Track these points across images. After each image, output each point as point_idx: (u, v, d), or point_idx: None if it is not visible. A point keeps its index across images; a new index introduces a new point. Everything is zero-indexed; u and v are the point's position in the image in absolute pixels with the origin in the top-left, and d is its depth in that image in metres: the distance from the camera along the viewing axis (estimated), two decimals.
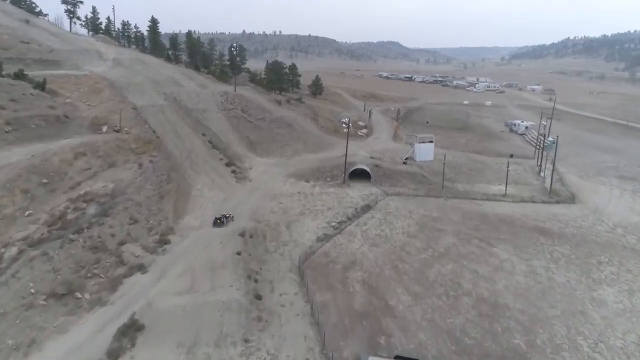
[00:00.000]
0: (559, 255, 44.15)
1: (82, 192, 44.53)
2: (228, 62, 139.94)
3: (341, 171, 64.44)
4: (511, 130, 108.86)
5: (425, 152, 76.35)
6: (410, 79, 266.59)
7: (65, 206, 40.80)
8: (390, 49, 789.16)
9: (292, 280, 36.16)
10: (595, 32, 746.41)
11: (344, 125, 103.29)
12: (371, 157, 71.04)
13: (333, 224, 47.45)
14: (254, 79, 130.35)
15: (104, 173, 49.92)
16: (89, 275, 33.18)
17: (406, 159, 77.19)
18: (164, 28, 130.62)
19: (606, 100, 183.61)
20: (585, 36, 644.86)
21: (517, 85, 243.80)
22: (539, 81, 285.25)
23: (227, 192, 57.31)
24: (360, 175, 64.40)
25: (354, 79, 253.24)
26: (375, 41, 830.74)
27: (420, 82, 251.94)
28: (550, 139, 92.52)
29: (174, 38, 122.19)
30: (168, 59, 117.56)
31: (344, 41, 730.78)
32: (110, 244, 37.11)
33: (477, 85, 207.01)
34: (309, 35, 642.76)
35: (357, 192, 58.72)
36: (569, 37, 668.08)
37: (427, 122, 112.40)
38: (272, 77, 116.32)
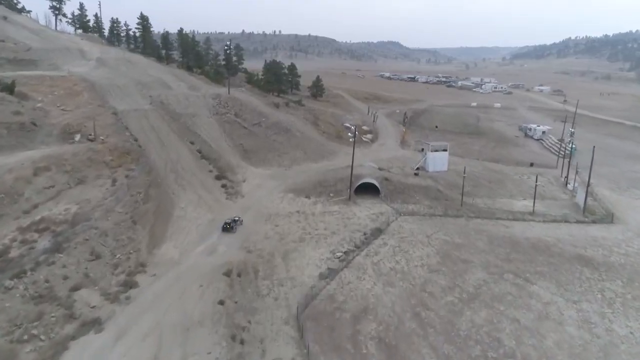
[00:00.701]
0: (612, 294, 36.54)
1: (37, 217, 36.86)
2: (224, 62, 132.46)
3: (346, 185, 56.83)
4: (526, 135, 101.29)
5: (438, 161, 68.76)
6: (413, 79, 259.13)
7: (11, 239, 33.14)
8: (390, 49, 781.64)
9: (289, 337, 28.50)
10: (596, 32, 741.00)
11: (347, 129, 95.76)
12: (379, 169, 63.33)
13: (338, 254, 39.80)
14: (251, 80, 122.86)
15: (69, 192, 42.27)
16: (26, 337, 25.55)
17: (417, 169, 69.62)
18: (161, 27, 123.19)
19: (619, 102, 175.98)
20: (586, 36, 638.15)
21: (524, 86, 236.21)
22: (545, 81, 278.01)
23: (215, 211, 49.67)
24: (367, 189, 56.82)
25: (356, 79, 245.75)
26: (375, 41, 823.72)
27: (423, 82, 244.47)
28: (573, 145, 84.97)
29: (165, 36, 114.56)
30: (159, 58, 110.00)
31: (344, 41, 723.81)
32: (60, 291, 29.47)
33: (483, 86, 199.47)
34: (309, 35, 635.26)
35: (365, 211, 51.09)
36: (570, 37, 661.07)
37: (436, 127, 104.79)
38: (269, 78, 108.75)
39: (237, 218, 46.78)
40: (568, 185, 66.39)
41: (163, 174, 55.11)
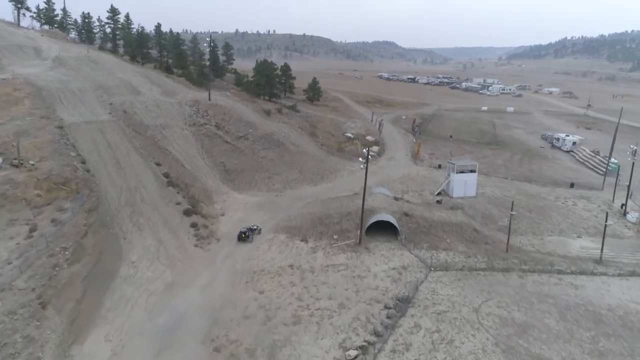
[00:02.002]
0: None
1: None
2: (209, 63, 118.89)
3: (354, 223, 43.56)
4: (553, 146, 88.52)
5: (465, 185, 55.76)
6: (413, 80, 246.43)
7: None
8: (386, 49, 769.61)
9: None
10: (592, 32, 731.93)
11: (349, 140, 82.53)
12: (395, 198, 50.04)
13: (352, 352, 26.49)
14: (240, 82, 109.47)
15: None
16: None
17: (438, 193, 56.58)
18: (152, 26, 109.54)
19: (635, 105, 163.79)
20: (582, 36, 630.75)
21: (530, 88, 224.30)
22: (546, 82, 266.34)
23: (177, 268, 36.30)
24: (380, 225, 43.50)
25: (354, 80, 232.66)
26: (370, 41, 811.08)
27: (425, 83, 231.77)
28: (614, 160, 72.28)
29: (140, 34, 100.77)
30: (133, 58, 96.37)
31: (340, 41, 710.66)
32: None
33: (490, 88, 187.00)
34: (304, 35, 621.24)
35: (383, 264, 37.84)
36: (566, 37, 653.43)
37: (451, 137, 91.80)
38: (260, 81, 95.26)
39: (254, 226, 43.98)
40: (627, 215, 53.50)
41: (115, 210, 41.71)
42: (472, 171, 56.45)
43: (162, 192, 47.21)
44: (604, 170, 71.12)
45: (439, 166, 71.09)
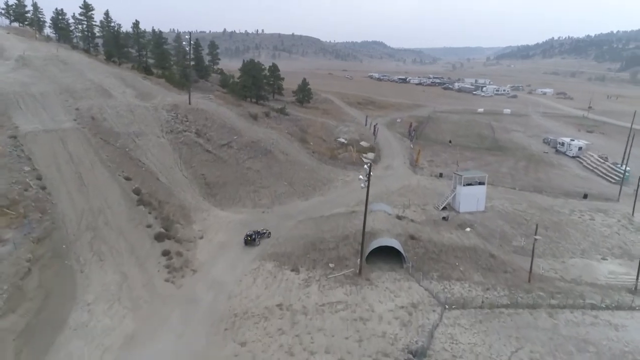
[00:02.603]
0: None
1: None
2: (192, 63, 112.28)
3: (353, 248, 37.70)
4: (557, 151, 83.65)
5: (474, 199, 50.27)
6: (404, 80, 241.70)
7: None
8: (375, 49, 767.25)
9: None
10: (578, 33, 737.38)
11: (343, 145, 76.76)
12: (398, 217, 44.22)
13: None
14: (226, 83, 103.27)
15: None
16: None
17: (444, 208, 51.01)
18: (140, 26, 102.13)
19: (632, 106, 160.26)
20: (569, 36, 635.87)
21: (523, 88, 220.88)
22: (535, 82, 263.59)
23: (141, 312, 30.07)
24: (383, 250, 37.62)
25: (344, 80, 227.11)
26: (359, 41, 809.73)
27: (416, 84, 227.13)
28: (627, 167, 67.54)
29: (117, 32, 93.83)
30: (109, 58, 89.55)
31: (329, 41, 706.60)
32: None
33: (484, 88, 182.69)
34: (293, 35, 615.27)
35: (388, 301, 31.99)
36: (553, 37, 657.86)
37: (450, 142, 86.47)
38: (246, 82, 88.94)
39: (263, 230, 42.67)
40: None
41: (73, 236, 35.37)
42: (480, 183, 50.97)
43: (131, 212, 40.83)
44: (617, 178, 66.31)
45: (440, 175, 65.65)
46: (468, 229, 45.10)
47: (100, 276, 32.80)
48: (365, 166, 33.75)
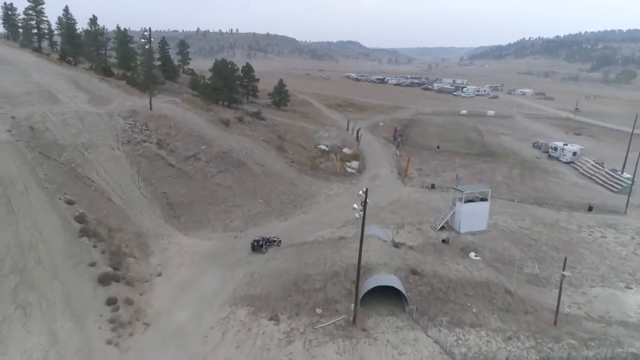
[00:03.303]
0: None
1: None
2: (159, 63, 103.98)
3: (344, 288, 31.13)
4: (550, 157, 79.20)
5: (475, 217, 44.41)
6: (382, 80, 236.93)
7: None
8: (351, 49, 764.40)
9: None
10: (548, 33, 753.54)
11: (325, 152, 70.24)
12: (395, 245, 37.78)
13: None
14: (196, 84, 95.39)
15: None
16: None
17: (442, 227, 45.05)
18: (111, 25, 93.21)
19: (615, 107, 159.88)
20: (539, 37, 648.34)
21: (502, 88, 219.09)
22: (508, 82, 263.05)
23: None
24: (380, 287, 31.13)
25: (321, 81, 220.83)
26: (335, 40, 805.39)
27: (395, 84, 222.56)
28: (626, 175, 63.25)
29: (70, 28, 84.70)
30: (63, 57, 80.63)
31: (304, 40, 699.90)
32: None
33: (464, 89, 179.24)
34: (268, 34, 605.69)
35: None
36: (524, 38, 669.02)
37: (438, 148, 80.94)
38: (217, 84, 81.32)
39: (273, 238, 40.37)
40: None
41: None
42: (483, 199, 45.13)
43: (71, 246, 33.18)
44: (619, 187, 61.92)
45: (432, 186, 59.85)
46: (473, 254, 39.21)
47: (22, 340, 25.29)
48: (361, 192, 27.31)
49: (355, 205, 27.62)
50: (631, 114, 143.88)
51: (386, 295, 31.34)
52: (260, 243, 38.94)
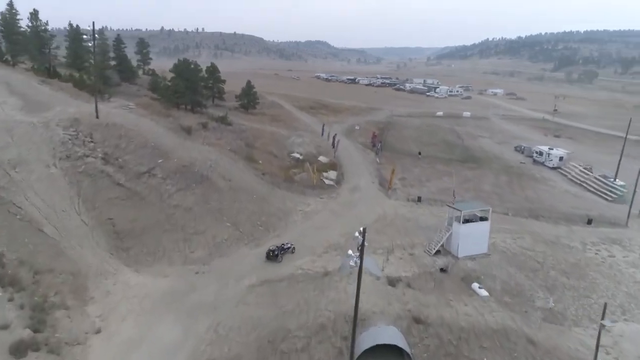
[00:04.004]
0: None
1: None
2: (114, 63, 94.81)
3: (332, 345, 24.89)
4: (535, 162, 75.50)
5: (474, 239, 39.08)
6: (354, 81, 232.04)
7: None
8: (319, 49, 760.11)
9: None
10: (511, 34, 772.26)
11: (299, 162, 63.82)
12: (391, 283, 31.75)
13: None
14: (156, 86, 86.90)
15: None
16: None
17: (437, 252, 39.48)
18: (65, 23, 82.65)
19: (581, 107, 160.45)
20: (502, 37, 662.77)
21: (472, 88, 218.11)
22: (474, 82, 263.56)
23: None
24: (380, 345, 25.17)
25: (291, 81, 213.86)
26: (303, 40, 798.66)
27: (366, 85, 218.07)
28: (620, 182, 59.77)
29: (9, 24, 74.72)
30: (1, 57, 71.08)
31: (272, 40, 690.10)
32: None
33: (437, 89, 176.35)
34: (235, 33, 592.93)
35: None
36: (488, 38, 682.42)
37: (420, 154, 75.82)
38: (178, 87, 73.43)
39: (288, 245, 38.67)
40: None
41: None
42: (482, 219, 39.84)
43: None
44: (614, 196, 58.31)
45: (419, 199, 54.41)
46: (477, 286, 33.82)
47: None
48: (357, 233, 21.10)
49: (350, 252, 21.35)
50: (601, 114, 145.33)
51: (385, 351, 25.26)
52: (276, 252, 37.35)
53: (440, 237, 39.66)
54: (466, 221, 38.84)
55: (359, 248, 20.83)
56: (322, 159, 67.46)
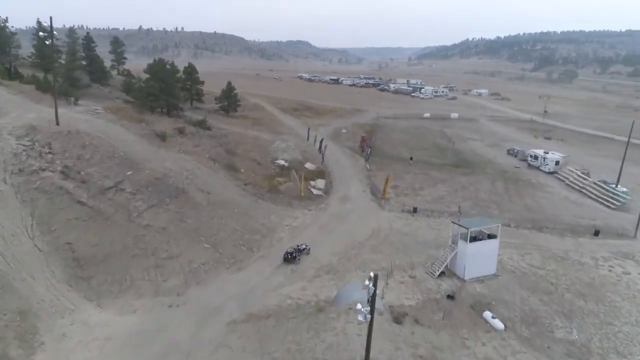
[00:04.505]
0: None
1: None
2: (84, 63, 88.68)
3: None
4: (530, 166, 72.55)
5: (482, 259, 35.24)
6: (337, 81, 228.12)
7: None
8: (300, 49, 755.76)
9: None
10: (490, 34, 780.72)
11: (284, 169, 59.35)
12: (395, 319, 27.66)
13: None
14: (130, 87, 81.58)
15: None
16: None
17: (441, 273, 35.53)
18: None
19: (565, 107, 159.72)
20: (482, 38, 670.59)
21: (456, 88, 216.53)
22: (455, 81, 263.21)
23: None
24: None
25: (273, 82, 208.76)
26: (284, 40, 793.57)
27: (350, 85, 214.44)
28: (622, 188, 57.04)
29: None
30: None
31: (253, 40, 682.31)
32: None
33: (422, 90, 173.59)
34: (215, 33, 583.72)
35: None
36: (468, 39, 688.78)
37: (411, 159, 72.04)
38: (152, 89, 68.01)
39: (303, 246, 38.49)
40: None
41: None
42: (491, 236, 36.03)
43: None
44: (617, 203, 55.43)
45: (414, 210, 50.47)
46: (489, 315, 30.00)
47: None
48: (368, 281, 16.77)
49: (359, 306, 17.00)
50: (585, 114, 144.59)
51: None
52: (294, 255, 37.13)
53: (444, 258, 35.71)
54: (473, 239, 34.93)
55: (369, 300, 16.46)
56: (308, 165, 63.07)
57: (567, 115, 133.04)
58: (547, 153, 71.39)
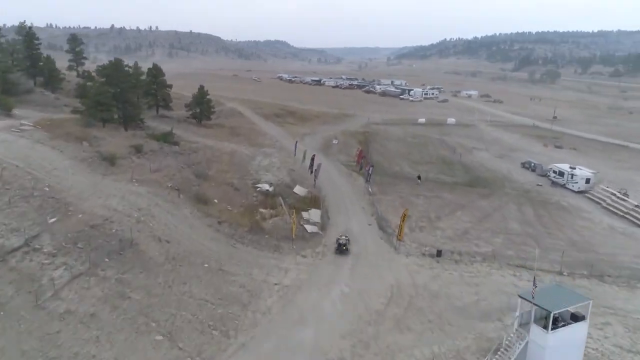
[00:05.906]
0: None
1: None
2: (28, 63, 74.95)
3: None
4: (553, 183, 62.55)
5: (567, 352, 24.10)
6: (318, 82, 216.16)
7: None
8: (278, 48, 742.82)
9: None
10: (467, 34, 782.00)
11: (269, 196, 47.39)
12: None
13: None
14: (86, 92, 68.05)
15: None
16: None
17: None
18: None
19: (563, 110, 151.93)
20: (460, 37, 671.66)
21: (444, 89, 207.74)
22: (439, 81, 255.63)
23: None
24: None
25: (252, 83, 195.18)
26: (262, 40, 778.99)
27: (333, 86, 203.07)
28: None
29: None
30: None
31: (230, 39, 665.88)
32: None
33: (412, 92, 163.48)
34: (191, 32, 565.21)
35: None
36: (445, 39, 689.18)
37: (419, 178, 60.74)
38: (103, 97, 54.87)
39: (347, 237, 39.36)
40: None
41: None
42: (577, 317, 24.92)
43: None
44: None
45: (439, 253, 39.27)
46: None
47: None
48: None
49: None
50: (583, 117, 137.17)
51: None
52: (346, 245, 38.02)
53: (510, 352, 24.39)
54: (555, 324, 23.81)
55: None
56: (298, 190, 51.26)
57: (570, 120, 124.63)
58: (575, 169, 61.49)
